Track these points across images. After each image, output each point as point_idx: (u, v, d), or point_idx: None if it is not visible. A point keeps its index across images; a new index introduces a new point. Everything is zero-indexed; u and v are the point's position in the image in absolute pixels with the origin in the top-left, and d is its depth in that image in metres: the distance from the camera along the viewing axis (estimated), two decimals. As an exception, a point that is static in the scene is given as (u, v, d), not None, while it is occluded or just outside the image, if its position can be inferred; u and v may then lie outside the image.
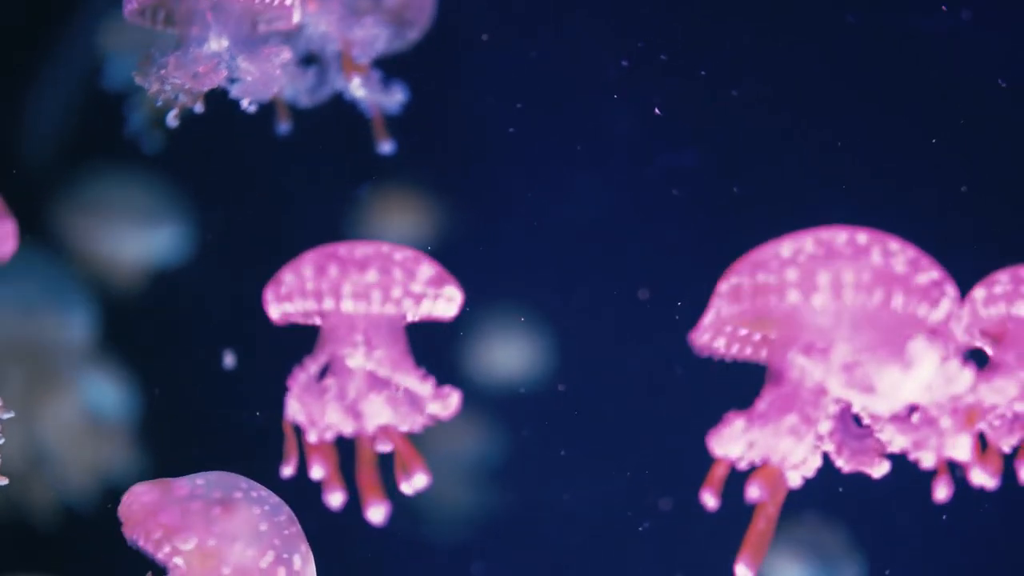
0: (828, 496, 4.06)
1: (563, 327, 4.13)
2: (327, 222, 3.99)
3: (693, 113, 3.97)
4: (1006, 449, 2.52)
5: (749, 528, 2.44)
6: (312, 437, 2.41)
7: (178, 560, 2.49)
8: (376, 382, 2.48)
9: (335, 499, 2.43)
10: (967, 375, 2.26)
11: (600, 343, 4.11)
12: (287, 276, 2.47)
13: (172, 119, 2.82)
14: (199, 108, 2.82)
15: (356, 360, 2.43)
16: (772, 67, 3.93)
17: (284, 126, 3.43)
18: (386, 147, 3.48)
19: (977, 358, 2.52)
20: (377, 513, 2.38)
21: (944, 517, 3.84)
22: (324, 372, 2.51)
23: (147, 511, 2.53)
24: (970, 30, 3.87)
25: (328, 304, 2.40)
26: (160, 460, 4.06)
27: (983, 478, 2.42)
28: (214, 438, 3.95)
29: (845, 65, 3.96)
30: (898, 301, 2.33)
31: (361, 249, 2.47)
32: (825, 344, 2.36)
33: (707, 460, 4.14)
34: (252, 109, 2.96)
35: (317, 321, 2.55)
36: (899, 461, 2.46)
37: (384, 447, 2.50)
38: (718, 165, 4.01)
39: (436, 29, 3.63)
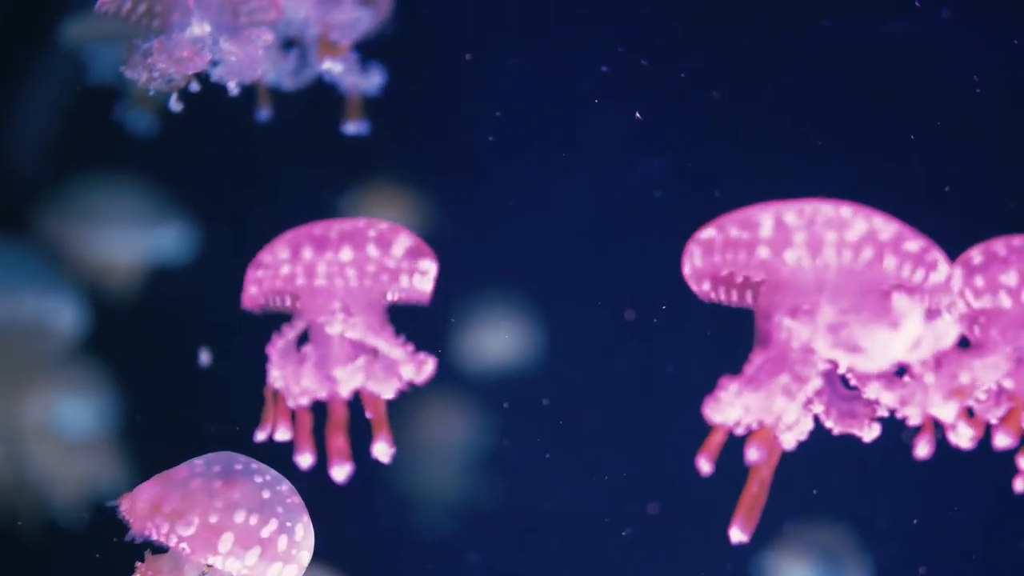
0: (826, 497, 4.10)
1: (549, 322, 4.12)
2: (314, 211, 4.01)
3: (674, 117, 3.98)
4: (992, 420, 2.52)
5: (743, 492, 2.45)
6: (289, 401, 2.46)
7: (184, 545, 2.53)
8: (353, 348, 2.54)
9: (304, 460, 2.48)
10: (953, 330, 2.29)
11: (585, 337, 4.12)
12: (264, 258, 2.52)
13: (175, 103, 2.85)
14: (193, 87, 2.84)
15: (334, 327, 2.47)
16: (751, 71, 3.95)
17: (265, 112, 3.45)
18: (354, 127, 3.50)
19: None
20: (340, 472, 2.46)
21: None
22: (304, 340, 2.56)
23: (151, 505, 2.57)
24: (946, 32, 3.91)
25: (303, 282, 2.46)
26: (148, 467, 4.02)
27: (963, 438, 2.45)
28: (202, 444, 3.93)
29: (824, 68, 3.98)
30: (889, 263, 2.34)
31: (337, 227, 2.52)
32: (811, 306, 2.38)
33: (694, 449, 4.16)
34: (235, 91, 2.97)
35: (292, 302, 2.60)
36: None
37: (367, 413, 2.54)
38: (697, 169, 4.03)
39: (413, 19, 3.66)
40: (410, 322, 3.84)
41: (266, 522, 2.58)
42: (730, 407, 2.40)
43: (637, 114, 3.95)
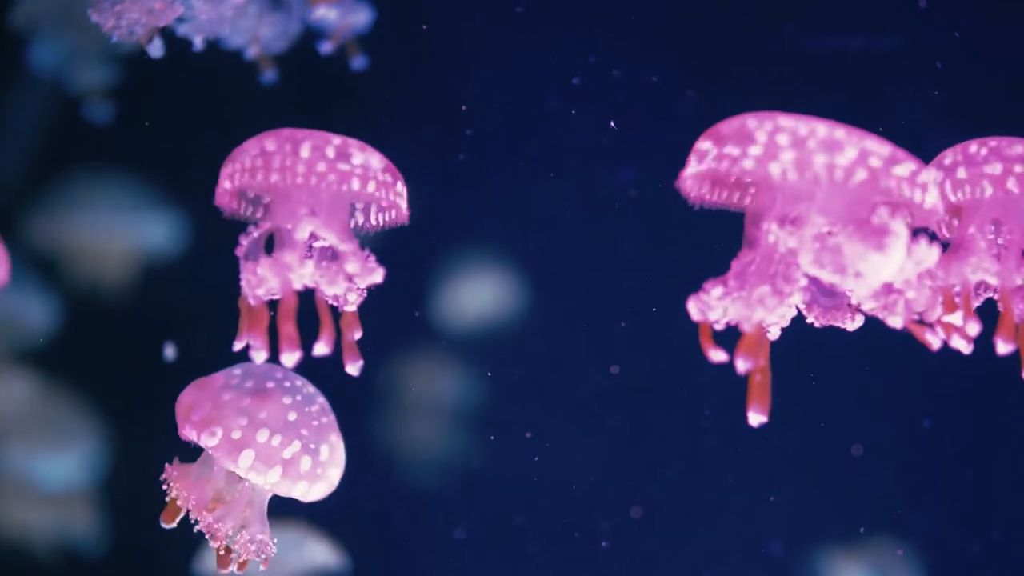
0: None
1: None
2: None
3: (647, 124, 4.01)
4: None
5: (749, 381, 2.46)
6: (251, 299, 2.51)
7: (211, 447, 2.62)
8: (313, 250, 2.59)
9: (259, 356, 2.50)
10: (934, 252, 2.30)
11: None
12: (240, 154, 2.55)
13: (154, 49, 2.86)
14: (155, 44, 2.85)
15: (300, 231, 2.53)
16: (721, 79, 4.00)
17: (269, 74, 3.49)
18: (358, 63, 3.55)
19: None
20: (289, 359, 2.46)
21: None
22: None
23: (186, 410, 2.66)
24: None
25: (276, 180, 2.49)
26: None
27: (961, 342, 2.46)
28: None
29: (798, 80, 4.03)
30: (878, 177, 2.33)
31: (313, 135, 2.56)
32: (799, 215, 2.39)
33: (676, 408, 4.08)
34: (200, 46, 2.98)
35: (262, 206, 2.65)
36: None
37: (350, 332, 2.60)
38: (667, 178, 4.05)
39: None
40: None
41: (288, 443, 2.65)
42: (711, 310, 2.43)
43: (612, 123, 3.98)
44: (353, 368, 2.57)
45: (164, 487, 2.70)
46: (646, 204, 4.06)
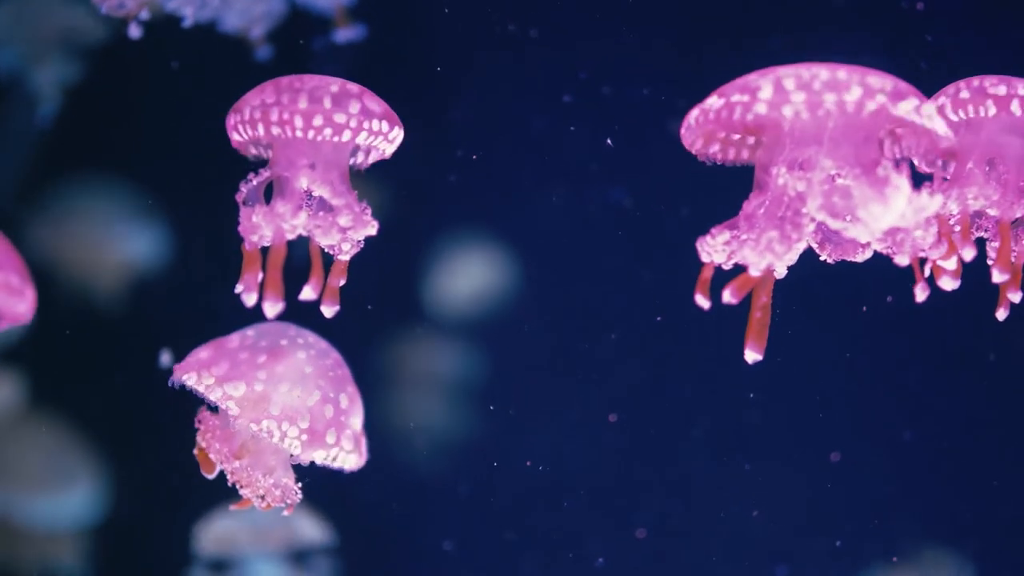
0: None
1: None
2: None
3: (639, 137, 4.05)
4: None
5: (748, 318, 2.47)
6: (247, 245, 2.54)
7: (230, 404, 2.67)
8: (312, 199, 2.61)
9: (249, 300, 2.53)
10: (936, 200, 2.33)
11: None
12: (244, 106, 2.58)
13: (134, 29, 2.89)
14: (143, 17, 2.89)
15: (300, 181, 2.56)
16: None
17: (263, 49, 3.54)
18: (347, 34, 3.61)
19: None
20: (271, 309, 2.51)
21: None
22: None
23: (201, 365, 2.72)
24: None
25: (276, 131, 2.53)
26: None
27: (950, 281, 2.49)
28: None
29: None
30: (876, 107, 2.36)
31: (311, 81, 2.60)
32: (807, 159, 2.42)
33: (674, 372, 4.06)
34: (190, 22, 3.01)
35: (266, 151, 2.68)
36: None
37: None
38: (656, 197, 4.09)
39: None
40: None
41: (309, 394, 2.71)
42: (718, 253, 2.46)
43: (608, 140, 4.02)
44: (328, 311, 2.60)
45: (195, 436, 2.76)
46: (640, 215, 4.08)
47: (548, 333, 4.17)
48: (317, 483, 3.45)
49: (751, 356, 2.46)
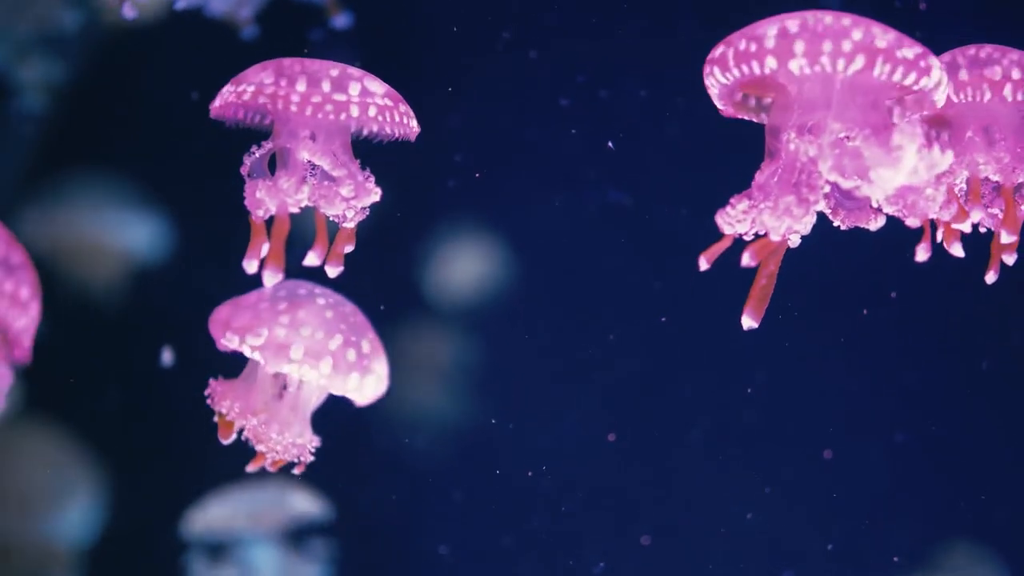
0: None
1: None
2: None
3: (638, 136, 4.07)
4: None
5: (753, 283, 2.49)
6: (253, 217, 2.57)
7: (256, 355, 2.71)
8: (316, 169, 2.63)
9: (250, 267, 2.56)
10: (948, 157, 2.34)
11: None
12: (244, 81, 2.61)
13: (128, 11, 2.91)
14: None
15: (302, 153, 2.59)
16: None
17: (248, 29, 3.55)
18: (339, 21, 3.63)
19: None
20: (270, 279, 2.55)
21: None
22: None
23: (225, 320, 2.76)
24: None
25: (280, 107, 2.57)
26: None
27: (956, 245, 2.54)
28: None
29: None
30: (882, 70, 2.39)
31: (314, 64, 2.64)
32: (816, 123, 2.44)
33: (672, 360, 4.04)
34: (182, 5, 3.04)
35: (263, 120, 2.70)
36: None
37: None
38: (654, 197, 4.10)
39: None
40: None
41: (331, 336, 2.75)
42: (738, 222, 2.47)
43: (610, 143, 4.03)
44: (332, 271, 2.63)
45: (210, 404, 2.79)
46: (638, 216, 4.09)
47: (546, 334, 4.18)
48: (315, 469, 3.46)
49: (747, 323, 2.47)
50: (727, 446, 4.15)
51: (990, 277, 2.59)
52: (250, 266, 2.53)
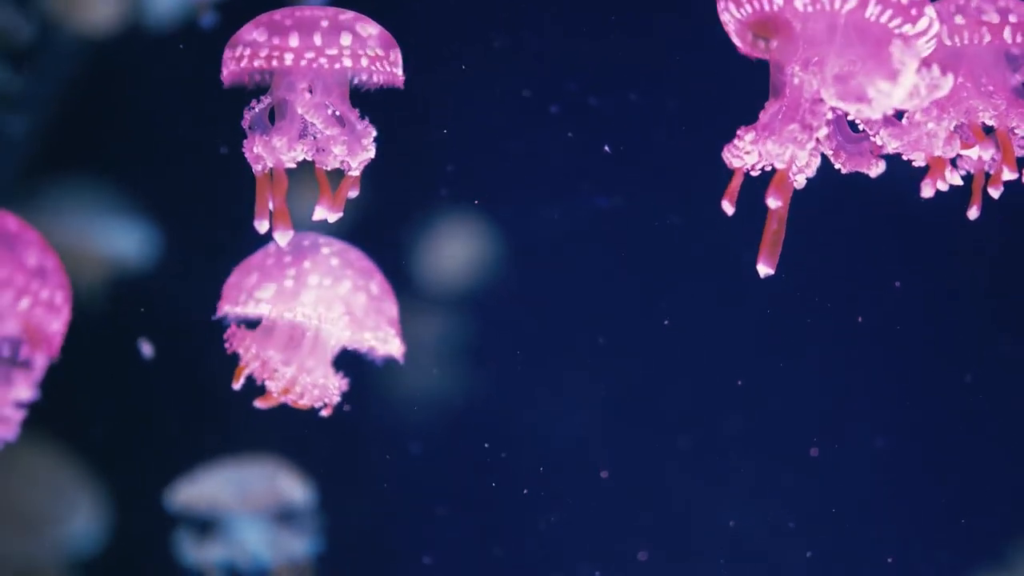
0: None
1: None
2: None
3: (630, 140, 4.14)
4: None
5: (764, 229, 2.54)
6: (255, 172, 2.60)
7: (269, 309, 2.76)
8: (317, 120, 2.65)
9: (261, 227, 2.58)
10: (948, 80, 2.42)
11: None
12: (240, 43, 2.64)
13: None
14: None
15: (301, 105, 2.61)
16: (699, 90, 4.14)
17: (207, 18, 3.66)
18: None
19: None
20: (282, 237, 2.56)
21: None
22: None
23: (234, 286, 2.81)
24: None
25: (276, 64, 2.61)
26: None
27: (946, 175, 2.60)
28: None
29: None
30: (873, 11, 2.49)
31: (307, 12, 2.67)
32: (820, 57, 2.54)
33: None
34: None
35: (265, 77, 2.72)
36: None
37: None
38: (646, 201, 4.16)
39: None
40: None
41: (339, 282, 2.80)
42: (746, 153, 2.53)
43: (606, 147, 4.09)
44: (332, 216, 2.63)
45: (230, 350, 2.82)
46: (630, 219, 4.15)
47: (539, 336, 4.18)
48: (302, 450, 3.47)
49: (763, 270, 2.53)
50: (714, 451, 4.17)
51: (973, 213, 2.66)
52: (260, 226, 2.56)
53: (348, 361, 2.92)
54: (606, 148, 4.07)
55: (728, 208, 2.55)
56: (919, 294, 4.08)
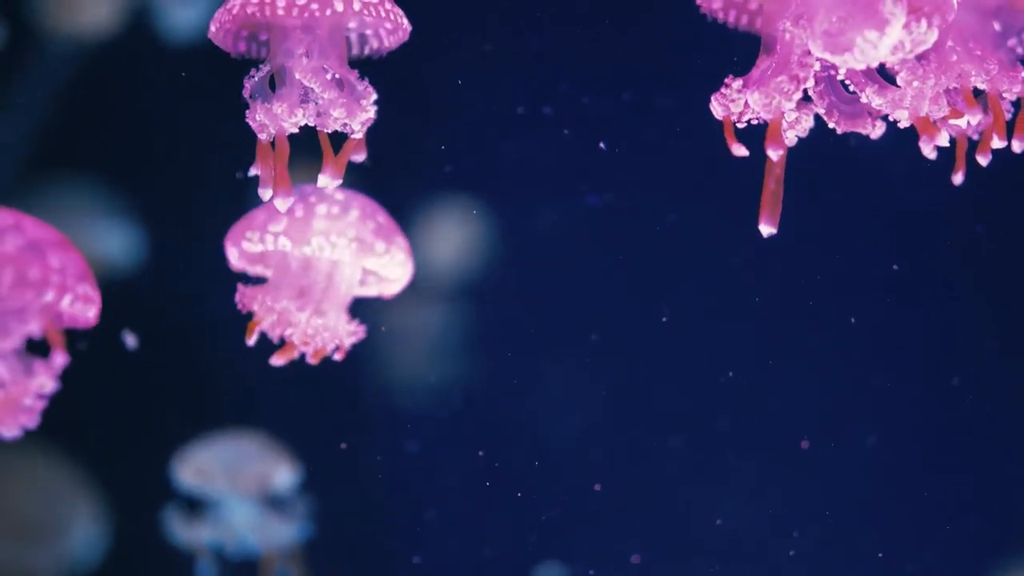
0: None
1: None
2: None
3: (624, 139, 4.16)
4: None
5: (763, 190, 2.53)
6: (261, 137, 2.58)
7: (280, 242, 2.76)
8: (315, 84, 2.64)
9: (265, 194, 2.58)
10: (932, 34, 2.45)
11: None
12: (232, 4, 2.63)
13: None
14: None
15: (300, 70, 2.61)
16: (694, 88, 4.16)
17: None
18: None
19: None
20: (283, 203, 2.56)
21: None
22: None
23: (239, 231, 2.80)
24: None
25: (268, 14, 2.60)
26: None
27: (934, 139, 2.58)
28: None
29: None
30: None
31: None
32: (809, 13, 2.55)
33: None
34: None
35: (261, 45, 2.74)
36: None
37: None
38: (639, 199, 4.18)
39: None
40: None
41: (347, 210, 2.81)
42: (733, 102, 2.54)
43: (601, 144, 4.11)
44: (333, 182, 2.64)
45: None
46: (631, 217, 4.16)
47: (535, 335, 4.18)
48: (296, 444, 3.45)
49: (765, 230, 2.53)
50: (711, 451, 4.17)
51: (958, 178, 2.67)
52: (264, 193, 2.56)
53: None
54: (601, 145, 4.07)
55: (739, 148, 2.54)
56: (918, 294, 4.09)
